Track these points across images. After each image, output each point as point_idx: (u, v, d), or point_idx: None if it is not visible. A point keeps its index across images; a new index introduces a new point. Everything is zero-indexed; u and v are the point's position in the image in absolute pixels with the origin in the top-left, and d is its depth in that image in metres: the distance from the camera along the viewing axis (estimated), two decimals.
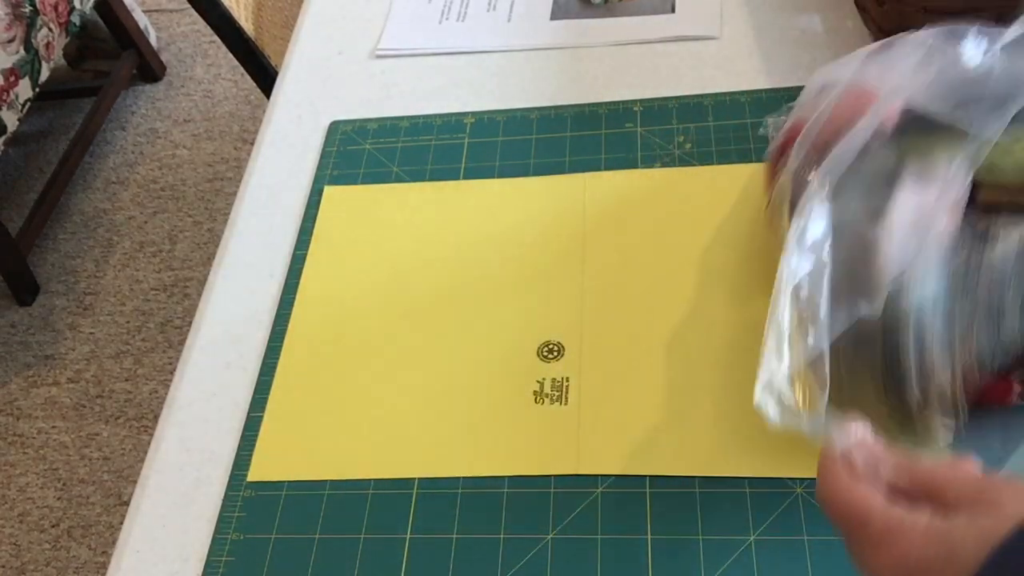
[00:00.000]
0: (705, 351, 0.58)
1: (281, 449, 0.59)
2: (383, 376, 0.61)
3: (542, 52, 0.81)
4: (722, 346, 0.58)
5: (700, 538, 0.51)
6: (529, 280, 0.64)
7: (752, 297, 0.59)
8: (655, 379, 0.58)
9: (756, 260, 0.62)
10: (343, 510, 0.56)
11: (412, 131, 0.76)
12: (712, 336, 0.59)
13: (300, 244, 0.70)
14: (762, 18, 0.79)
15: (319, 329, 0.64)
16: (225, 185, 1.93)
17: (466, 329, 0.62)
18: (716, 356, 0.58)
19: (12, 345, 1.74)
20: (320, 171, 0.75)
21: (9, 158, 2.03)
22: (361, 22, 0.88)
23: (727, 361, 0.58)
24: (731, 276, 0.62)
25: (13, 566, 1.47)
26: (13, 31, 1.59)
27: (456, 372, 0.60)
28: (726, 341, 0.59)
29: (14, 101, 1.61)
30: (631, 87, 0.76)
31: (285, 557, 0.54)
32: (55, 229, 1.90)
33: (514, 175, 0.71)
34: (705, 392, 0.57)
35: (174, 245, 1.84)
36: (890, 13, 0.66)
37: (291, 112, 0.81)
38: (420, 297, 0.65)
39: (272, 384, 0.62)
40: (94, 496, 1.52)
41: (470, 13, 0.86)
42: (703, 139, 0.70)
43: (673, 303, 0.61)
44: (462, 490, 0.55)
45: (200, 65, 2.17)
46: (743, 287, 0.61)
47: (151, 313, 1.74)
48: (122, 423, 1.60)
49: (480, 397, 0.59)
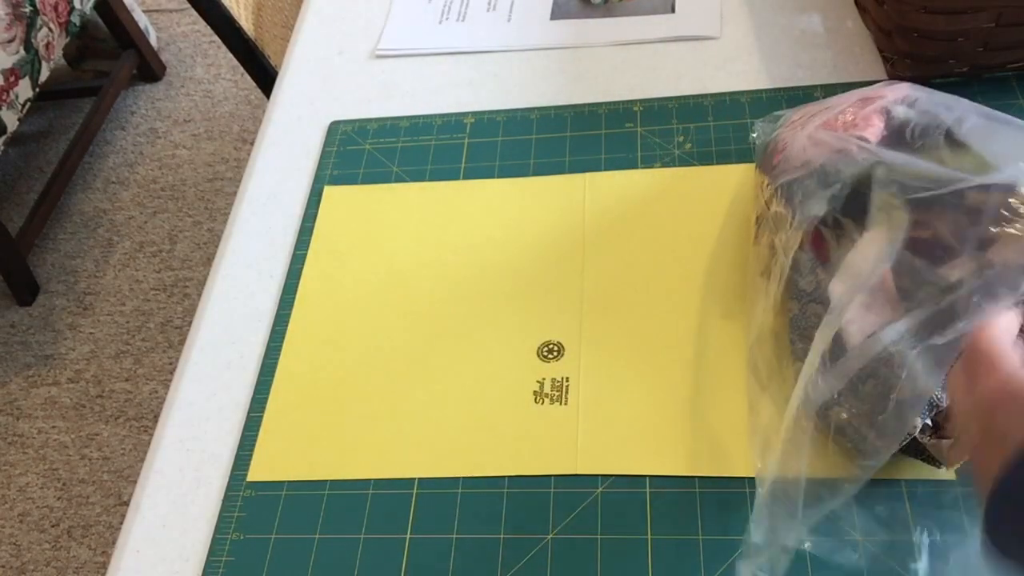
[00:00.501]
0: (704, 350, 0.58)
1: (281, 449, 0.59)
2: (383, 376, 0.61)
3: (542, 52, 0.81)
4: (721, 345, 0.58)
5: (700, 538, 0.51)
6: (529, 280, 0.64)
7: (750, 297, 0.59)
8: (655, 379, 0.58)
9: (754, 261, 0.62)
10: (343, 510, 0.56)
11: (412, 131, 0.76)
12: (710, 336, 0.59)
13: (300, 244, 0.70)
14: (762, 18, 0.79)
15: (319, 329, 0.64)
16: (225, 185, 1.93)
17: (466, 329, 0.62)
18: (715, 356, 0.58)
19: (12, 345, 1.74)
20: (320, 171, 0.75)
21: (9, 158, 2.04)
22: (361, 22, 0.88)
23: (726, 361, 0.58)
24: (730, 276, 0.62)
25: (13, 566, 1.47)
26: (13, 31, 1.59)
27: (456, 372, 0.60)
28: (725, 340, 0.59)
29: (14, 101, 1.61)
30: (631, 87, 0.76)
31: (285, 557, 0.54)
32: (55, 229, 1.90)
33: (514, 175, 0.71)
34: (704, 391, 0.57)
35: (174, 245, 1.84)
36: (890, 13, 0.66)
37: (291, 112, 0.81)
38: (420, 297, 0.65)
39: (272, 384, 0.62)
40: (94, 496, 1.52)
41: (470, 13, 0.86)
42: (703, 139, 0.70)
43: (673, 303, 0.61)
44: (462, 490, 0.55)
45: (200, 65, 2.17)
46: (742, 287, 0.61)
47: (151, 313, 1.74)
48: (122, 423, 1.60)
49: (480, 397, 0.59)
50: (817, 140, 0.52)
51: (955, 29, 0.64)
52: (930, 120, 0.50)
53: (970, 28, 0.63)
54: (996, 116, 0.49)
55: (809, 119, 0.56)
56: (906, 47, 0.67)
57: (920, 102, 0.51)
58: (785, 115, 0.62)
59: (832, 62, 0.74)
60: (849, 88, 0.71)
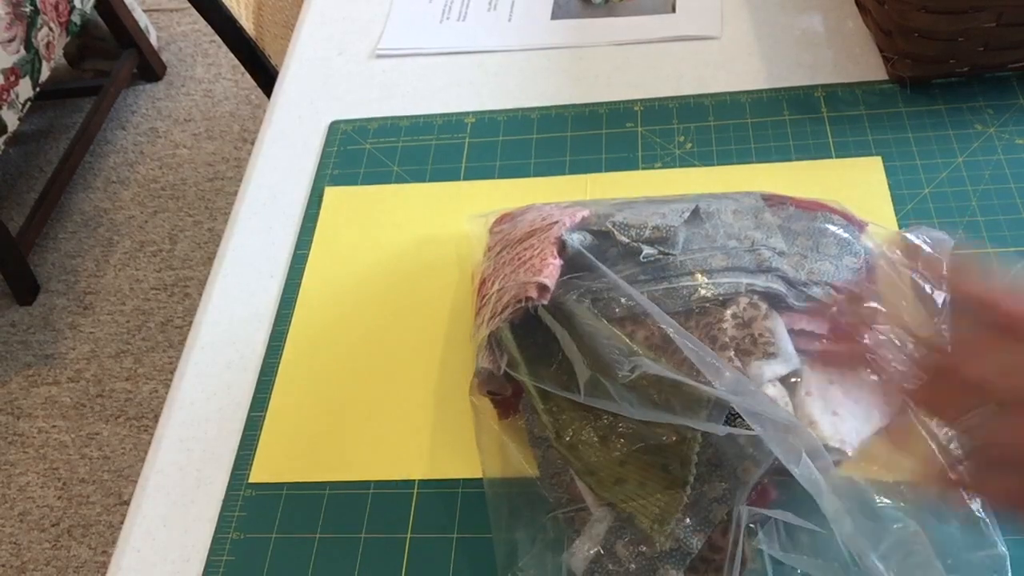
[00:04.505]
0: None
1: (282, 451, 0.59)
2: (384, 377, 0.61)
3: (542, 52, 0.81)
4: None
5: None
6: None
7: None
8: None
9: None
10: (343, 510, 0.56)
11: (412, 131, 0.76)
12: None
13: (300, 244, 0.70)
14: (762, 18, 0.79)
15: (320, 329, 0.64)
16: (225, 185, 1.93)
17: (467, 330, 0.62)
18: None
19: (12, 344, 1.74)
20: (320, 171, 0.75)
21: (9, 158, 2.04)
22: (361, 22, 0.88)
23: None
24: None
25: (13, 565, 1.47)
26: (13, 30, 1.59)
27: (456, 373, 0.60)
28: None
29: (14, 100, 1.61)
30: (631, 87, 0.76)
31: (285, 557, 0.54)
32: (55, 228, 1.90)
33: (515, 174, 0.71)
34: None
35: (174, 245, 1.84)
36: (891, 13, 0.66)
37: (291, 112, 0.81)
38: (421, 297, 0.65)
39: (273, 384, 0.62)
40: (94, 496, 1.52)
41: (470, 13, 0.86)
42: (703, 139, 0.70)
43: None
44: (462, 490, 0.55)
45: (200, 65, 2.17)
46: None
47: (151, 313, 1.74)
48: (122, 423, 1.60)
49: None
50: (503, 289, 0.53)
51: (955, 29, 0.64)
52: (604, 241, 0.52)
53: (970, 28, 0.63)
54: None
55: (501, 247, 0.57)
56: (906, 47, 0.67)
57: (590, 222, 0.53)
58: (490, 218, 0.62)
59: (832, 62, 0.74)
60: (848, 87, 0.71)
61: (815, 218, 0.53)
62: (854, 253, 0.51)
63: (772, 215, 0.53)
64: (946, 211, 0.62)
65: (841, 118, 0.69)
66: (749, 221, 0.52)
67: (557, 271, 0.50)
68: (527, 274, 0.50)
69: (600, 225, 0.52)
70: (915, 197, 0.64)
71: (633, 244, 0.50)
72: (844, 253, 0.51)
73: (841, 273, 0.50)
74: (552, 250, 0.51)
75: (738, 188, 0.66)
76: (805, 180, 0.66)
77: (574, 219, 0.53)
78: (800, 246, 0.51)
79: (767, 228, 0.52)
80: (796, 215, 0.54)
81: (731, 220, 0.52)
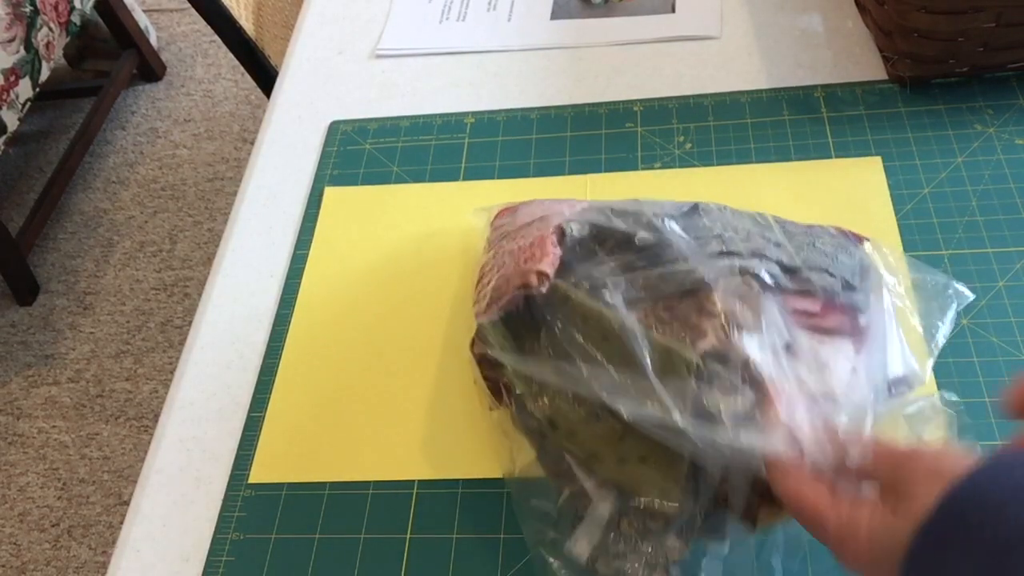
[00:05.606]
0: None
1: (282, 451, 0.59)
2: (384, 377, 0.61)
3: (542, 52, 0.81)
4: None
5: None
6: None
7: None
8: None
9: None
10: (343, 510, 0.56)
11: (412, 131, 0.76)
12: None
13: (300, 244, 0.70)
14: (762, 18, 0.79)
15: (320, 329, 0.64)
16: (225, 185, 1.93)
17: (467, 330, 0.62)
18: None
19: (12, 345, 1.74)
20: (320, 171, 0.75)
21: (9, 158, 2.04)
22: (361, 22, 0.88)
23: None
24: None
25: (13, 565, 1.47)
26: (13, 31, 1.59)
27: (457, 373, 0.60)
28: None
29: (14, 101, 1.61)
30: (631, 87, 0.76)
31: (285, 557, 0.54)
32: (55, 229, 1.90)
33: (514, 175, 0.71)
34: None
35: (174, 245, 1.84)
36: (890, 13, 0.66)
37: (291, 112, 0.81)
38: (420, 298, 0.65)
39: (273, 384, 0.62)
40: (94, 496, 1.52)
41: (470, 13, 0.86)
42: (703, 139, 0.70)
43: None
44: (462, 490, 0.55)
45: (200, 65, 2.17)
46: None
47: (151, 313, 1.74)
48: (122, 423, 1.60)
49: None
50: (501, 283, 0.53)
51: (955, 29, 0.64)
52: (603, 230, 0.52)
53: (970, 28, 0.63)
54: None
55: (501, 238, 0.57)
56: (906, 47, 0.67)
57: (589, 213, 0.53)
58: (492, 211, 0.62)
59: (832, 62, 0.74)
60: (848, 87, 0.71)
61: (812, 225, 0.54)
62: (850, 253, 0.52)
63: (772, 217, 0.54)
64: (945, 211, 0.62)
65: (841, 118, 0.69)
66: (748, 220, 0.53)
67: (557, 260, 0.51)
68: (528, 263, 0.51)
69: (599, 216, 0.52)
70: (915, 197, 0.64)
71: (630, 230, 0.51)
72: (840, 252, 0.51)
73: (837, 266, 0.50)
74: (552, 239, 0.51)
75: (738, 188, 0.66)
76: (805, 180, 0.66)
77: (574, 209, 0.53)
78: (797, 243, 0.51)
79: (765, 224, 0.52)
80: (794, 223, 0.54)
81: (730, 217, 0.53)
